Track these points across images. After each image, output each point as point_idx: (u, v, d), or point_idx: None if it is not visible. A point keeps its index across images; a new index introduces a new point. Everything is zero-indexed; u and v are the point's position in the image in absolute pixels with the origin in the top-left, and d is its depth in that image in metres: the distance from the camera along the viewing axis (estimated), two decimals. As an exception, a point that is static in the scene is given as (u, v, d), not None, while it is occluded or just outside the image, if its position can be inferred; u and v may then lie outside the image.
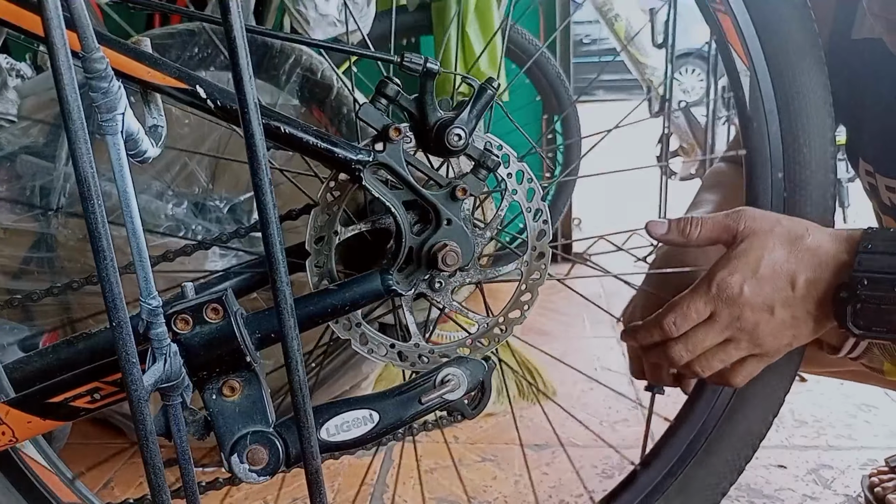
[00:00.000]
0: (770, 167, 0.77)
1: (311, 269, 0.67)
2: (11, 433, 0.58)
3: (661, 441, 0.90)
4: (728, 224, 0.71)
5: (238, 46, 0.41)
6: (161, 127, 0.54)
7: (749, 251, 0.69)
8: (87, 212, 0.41)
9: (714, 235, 0.72)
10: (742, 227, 0.70)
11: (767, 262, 0.69)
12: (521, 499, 1.36)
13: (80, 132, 0.41)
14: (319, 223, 0.67)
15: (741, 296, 0.68)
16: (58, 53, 0.39)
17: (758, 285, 0.69)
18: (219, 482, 0.77)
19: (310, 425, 0.48)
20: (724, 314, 0.69)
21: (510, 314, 0.70)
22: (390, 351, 0.68)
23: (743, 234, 0.70)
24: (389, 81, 0.59)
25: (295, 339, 0.46)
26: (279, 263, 0.44)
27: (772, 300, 0.69)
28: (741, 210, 0.72)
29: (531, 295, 0.69)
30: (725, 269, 0.70)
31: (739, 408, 0.84)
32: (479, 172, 0.62)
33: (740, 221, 0.71)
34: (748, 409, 0.85)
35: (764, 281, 0.69)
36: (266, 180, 0.43)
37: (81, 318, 1.41)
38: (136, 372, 0.45)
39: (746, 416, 0.85)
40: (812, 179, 0.77)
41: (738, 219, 0.71)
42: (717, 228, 0.72)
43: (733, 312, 0.69)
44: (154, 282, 0.48)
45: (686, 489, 0.87)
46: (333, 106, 1.35)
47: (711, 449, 0.86)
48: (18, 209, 1.41)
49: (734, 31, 0.75)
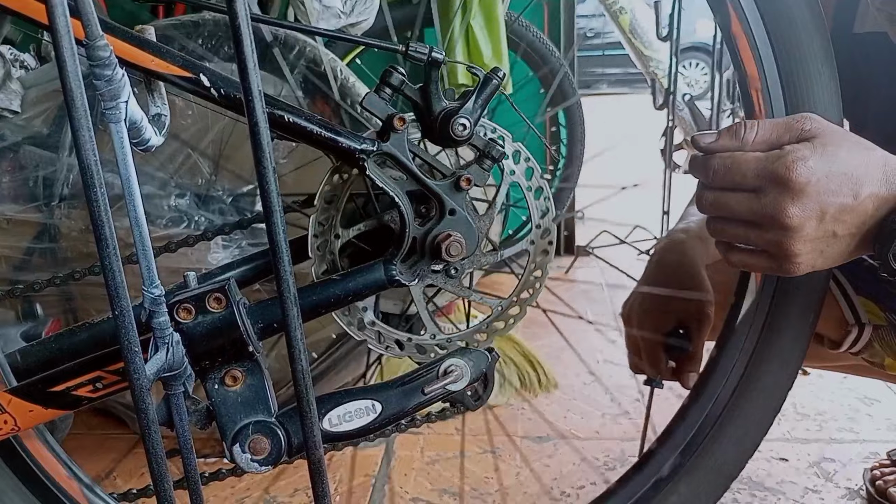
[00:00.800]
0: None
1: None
2: (14, 422, 0.58)
3: (661, 436, 0.89)
4: (791, 123, 0.63)
5: (243, 34, 0.41)
6: (164, 115, 0.54)
7: (827, 146, 0.61)
8: (89, 199, 0.41)
9: (775, 136, 0.64)
10: (809, 126, 0.63)
11: (844, 160, 0.61)
12: (521, 490, 1.36)
13: (84, 120, 0.40)
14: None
15: (806, 186, 0.60)
16: (61, 40, 0.39)
17: (826, 183, 0.60)
18: (221, 472, 0.77)
19: (312, 415, 0.48)
20: (770, 195, 0.61)
21: (521, 294, 0.70)
22: (408, 345, 0.68)
23: (811, 132, 0.62)
24: (394, 70, 0.59)
25: (298, 329, 0.46)
26: (283, 252, 0.44)
27: (828, 205, 0.61)
28: (803, 114, 0.64)
29: (541, 272, 0.69)
30: (804, 150, 0.61)
31: (742, 403, 0.84)
32: (483, 162, 0.61)
33: (805, 121, 0.63)
34: (750, 406, 0.85)
35: (833, 180, 0.60)
36: (270, 168, 0.42)
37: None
38: (138, 361, 0.45)
39: (748, 412, 0.84)
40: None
41: (803, 118, 0.63)
42: (779, 128, 0.64)
43: (781, 201, 0.61)
44: (157, 271, 0.48)
45: (688, 483, 0.87)
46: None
47: (713, 445, 0.86)
48: (21, 200, 1.41)
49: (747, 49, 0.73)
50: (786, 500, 1.29)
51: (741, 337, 0.80)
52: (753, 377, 0.80)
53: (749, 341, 0.80)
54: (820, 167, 0.60)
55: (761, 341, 0.80)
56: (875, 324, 0.96)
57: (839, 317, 0.98)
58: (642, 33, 2.59)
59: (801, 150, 0.61)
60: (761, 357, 0.80)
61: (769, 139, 0.64)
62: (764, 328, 0.79)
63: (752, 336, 0.80)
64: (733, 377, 0.81)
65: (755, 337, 0.80)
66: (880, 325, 0.96)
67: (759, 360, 0.80)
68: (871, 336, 0.97)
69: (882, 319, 0.95)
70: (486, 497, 1.34)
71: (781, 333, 0.79)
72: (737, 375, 0.81)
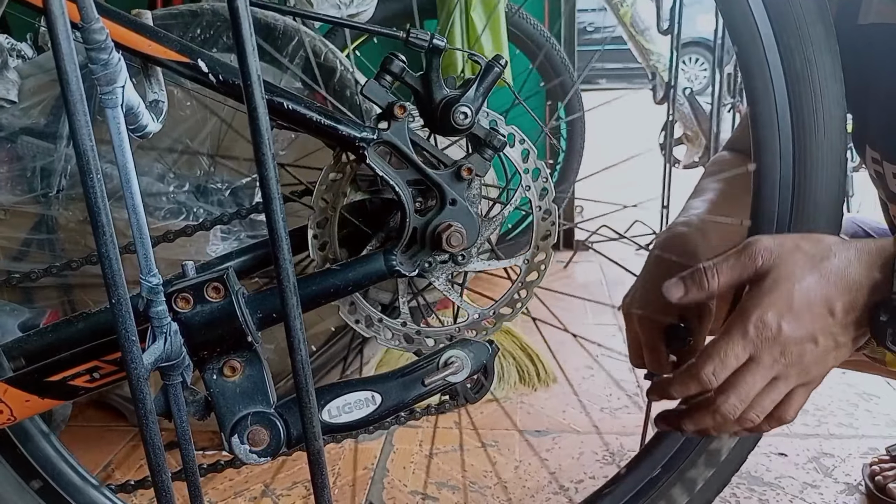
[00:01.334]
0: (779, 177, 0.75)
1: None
2: (9, 412, 0.57)
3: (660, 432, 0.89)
4: (745, 262, 0.67)
5: (241, 18, 0.40)
6: (162, 102, 0.53)
7: (777, 285, 0.65)
8: (86, 186, 0.41)
9: (733, 278, 0.67)
10: (759, 262, 0.66)
11: (799, 292, 0.64)
12: (520, 484, 1.36)
13: (80, 105, 0.40)
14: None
15: (780, 333, 0.64)
16: (56, 23, 0.38)
17: (795, 319, 0.64)
18: (220, 464, 0.77)
19: (312, 406, 0.48)
20: (765, 355, 0.65)
21: (528, 277, 0.69)
22: (417, 338, 0.68)
23: (763, 268, 0.66)
24: (395, 58, 0.58)
25: (297, 319, 0.46)
26: (282, 241, 0.44)
27: (812, 331, 0.65)
28: (753, 242, 0.67)
29: (545, 255, 0.69)
30: (758, 308, 0.65)
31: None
32: (484, 152, 0.61)
33: (756, 257, 0.66)
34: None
35: (801, 313, 0.64)
36: (269, 156, 0.42)
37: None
38: (135, 350, 0.45)
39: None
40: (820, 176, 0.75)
41: (754, 254, 0.66)
42: (735, 270, 0.67)
43: (774, 351, 0.65)
44: (154, 260, 0.47)
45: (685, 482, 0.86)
46: (337, 88, 1.34)
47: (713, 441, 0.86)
48: (19, 190, 1.40)
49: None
50: (785, 495, 1.29)
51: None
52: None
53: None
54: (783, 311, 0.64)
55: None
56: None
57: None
58: (643, 27, 2.58)
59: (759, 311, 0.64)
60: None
61: (731, 282, 0.67)
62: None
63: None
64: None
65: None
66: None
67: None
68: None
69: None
70: (485, 490, 1.34)
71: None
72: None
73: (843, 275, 0.65)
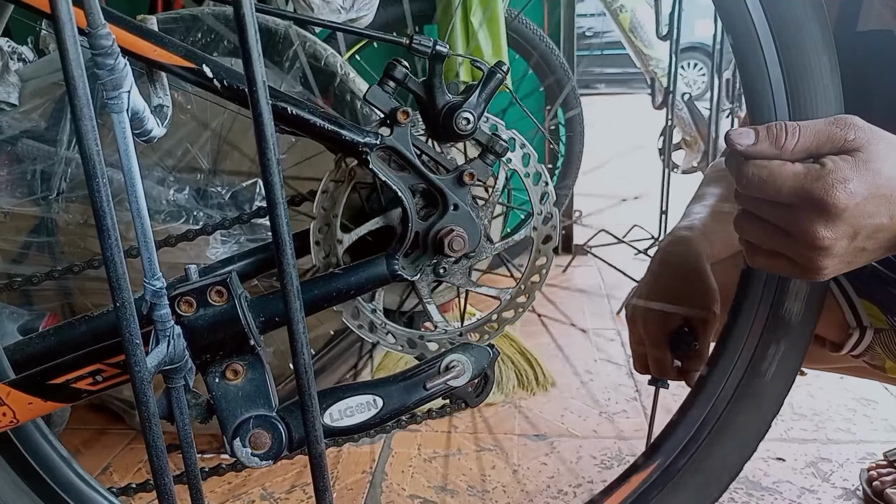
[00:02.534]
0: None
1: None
2: (13, 414, 0.57)
3: (662, 433, 0.89)
4: (834, 132, 0.60)
5: (247, 23, 0.40)
6: (167, 107, 0.54)
7: (870, 160, 0.58)
8: (91, 190, 0.41)
9: (816, 145, 0.60)
10: (852, 135, 0.59)
11: (886, 179, 0.58)
12: (518, 488, 1.36)
13: (86, 109, 0.40)
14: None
15: (843, 212, 0.58)
16: (64, 28, 0.39)
17: (864, 206, 0.58)
18: (221, 468, 0.77)
19: (314, 409, 0.48)
20: (804, 214, 0.59)
21: (530, 279, 0.70)
22: (420, 342, 0.68)
23: (855, 143, 0.59)
24: (398, 64, 0.59)
25: (301, 322, 0.46)
26: (286, 245, 0.44)
27: (861, 227, 0.59)
28: (846, 117, 0.61)
29: (546, 259, 0.69)
30: (845, 169, 0.58)
31: (741, 405, 0.84)
32: (486, 157, 0.61)
33: (849, 129, 0.59)
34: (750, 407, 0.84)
35: (871, 202, 0.58)
36: (274, 160, 0.42)
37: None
38: (139, 353, 0.45)
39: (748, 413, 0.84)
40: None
41: (846, 126, 0.59)
42: (821, 136, 0.60)
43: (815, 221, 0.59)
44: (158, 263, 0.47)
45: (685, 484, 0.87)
46: (337, 93, 1.34)
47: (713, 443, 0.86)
48: (19, 193, 1.40)
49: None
50: (783, 500, 1.29)
51: (740, 340, 0.80)
52: (752, 379, 0.79)
53: (749, 344, 0.80)
54: (860, 190, 0.58)
55: (760, 344, 0.79)
56: (877, 327, 0.96)
57: (841, 319, 0.98)
58: (642, 32, 2.59)
59: (842, 169, 0.58)
60: (760, 360, 0.80)
61: (810, 148, 0.61)
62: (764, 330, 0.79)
63: (752, 339, 0.79)
64: (733, 378, 0.81)
65: (755, 340, 0.79)
66: (882, 328, 0.96)
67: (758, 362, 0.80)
68: (873, 339, 0.97)
69: (884, 323, 0.95)
70: (484, 494, 1.34)
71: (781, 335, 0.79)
72: (736, 377, 0.81)
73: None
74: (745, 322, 0.80)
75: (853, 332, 0.97)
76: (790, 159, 0.61)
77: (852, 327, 0.97)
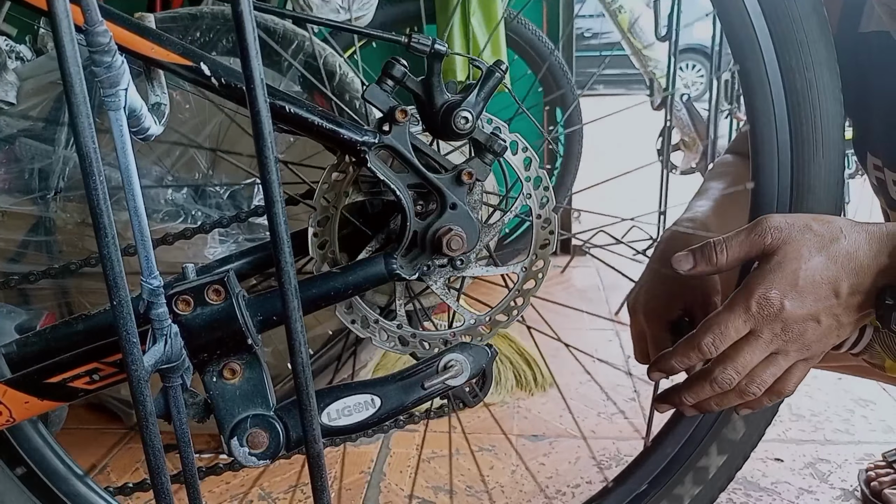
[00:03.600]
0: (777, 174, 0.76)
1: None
2: (9, 413, 0.57)
3: (661, 432, 0.89)
4: (754, 240, 0.67)
5: (245, 20, 0.40)
6: (164, 105, 0.53)
7: (784, 264, 0.65)
8: (88, 188, 0.41)
9: (742, 255, 0.68)
10: (769, 240, 0.66)
11: (805, 272, 0.65)
12: (517, 488, 1.36)
13: (83, 107, 0.40)
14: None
15: (783, 311, 0.65)
16: (61, 25, 0.39)
17: (799, 298, 0.65)
18: (218, 467, 0.77)
19: (312, 409, 0.48)
20: (765, 331, 0.66)
21: (524, 285, 0.70)
22: (412, 341, 0.68)
23: (772, 246, 0.66)
24: (396, 62, 0.58)
25: (298, 321, 0.46)
26: (283, 243, 0.44)
27: (816, 310, 0.65)
28: (763, 221, 0.67)
29: (543, 262, 0.69)
30: (762, 285, 0.65)
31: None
32: (485, 157, 0.61)
33: (766, 235, 0.66)
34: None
35: (805, 293, 0.65)
36: (272, 158, 0.42)
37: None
38: (136, 352, 0.44)
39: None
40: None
41: (763, 232, 0.66)
42: (744, 247, 0.67)
43: (775, 328, 0.66)
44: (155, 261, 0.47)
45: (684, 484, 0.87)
46: (336, 92, 1.34)
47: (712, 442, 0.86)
48: (17, 192, 1.40)
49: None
50: (781, 501, 1.29)
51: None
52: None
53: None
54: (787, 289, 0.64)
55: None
56: (876, 326, 0.96)
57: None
58: (641, 33, 2.59)
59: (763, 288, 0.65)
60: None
61: (739, 257, 0.68)
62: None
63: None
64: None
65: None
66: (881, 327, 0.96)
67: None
68: (873, 338, 0.96)
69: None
70: (482, 495, 1.34)
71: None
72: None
73: (852, 257, 0.65)
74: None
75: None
76: (726, 269, 0.69)
77: None
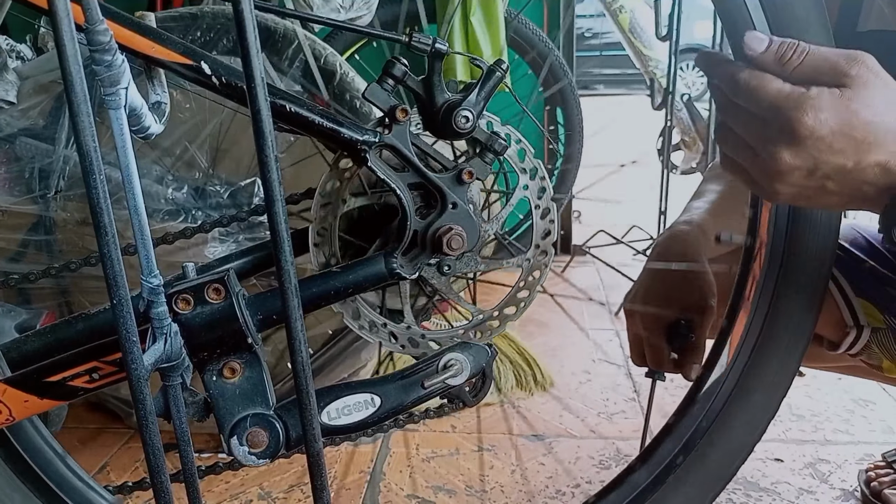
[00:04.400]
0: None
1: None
2: (8, 412, 0.57)
3: (660, 434, 0.89)
4: (839, 64, 0.59)
5: (246, 19, 0.40)
6: (164, 103, 0.53)
7: (854, 98, 0.58)
8: (88, 187, 0.41)
9: (817, 72, 0.59)
10: (854, 71, 0.58)
11: (863, 120, 0.57)
12: (516, 488, 1.36)
13: (84, 106, 0.40)
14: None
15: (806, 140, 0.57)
16: (61, 24, 0.39)
17: (830, 140, 0.58)
18: (218, 466, 0.77)
19: (312, 408, 0.48)
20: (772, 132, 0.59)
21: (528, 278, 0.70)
22: (422, 342, 0.68)
23: (850, 80, 0.58)
24: (397, 61, 0.58)
25: (298, 320, 0.46)
26: (284, 242, 0.44)
27: (822, 162, 0.59)
28: (861, 55, 0.59)
29: (546, 254, 0.69)
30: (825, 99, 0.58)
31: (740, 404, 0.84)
32: (485, 156, 0.61)
33: (854, 65, 0.58)
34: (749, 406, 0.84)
35: (838, 139, 0.58)
36: (272, 157, 0.42)
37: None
38: (136, 351, 0.45)
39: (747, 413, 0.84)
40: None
41: (854, 62, 0.58)
42: (824, 66, 0.59)
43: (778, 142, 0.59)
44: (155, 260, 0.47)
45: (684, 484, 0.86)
46: (336, 92, 1.34)
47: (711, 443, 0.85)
48: (17, 191, 1.40)
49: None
50: (781, 501, 1.29)
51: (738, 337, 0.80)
52: (752, 377, 0.79)
53: (748, 341, 0.80)
54: (830, 122, 0.57)
55: (761, 340, 0.79)
56: (874, 326, 0.96)
57: (838, 318, 0.98)
58: (642, 32, 2.59)
59: (822, 98, 0.58)
60: (760, 358, 0.80)
61: (809, 74, 0.60)
62: (763, 327, 0.79)
63: (752, 335, 0.79)
64: (732, 375, 0.81)
65: (754, 336, 0.79)
66: (879, 327, 0.96)
67: (758, 361, 0.80)
68: (870, 339, 0.97)
69: (881, 322, 0.95)
70: (482, 494, 1.34)
71: (780, 333, 0.79)
72: (736, 373, 0.81)
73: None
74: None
75: (850, 331, 0.97)
76: (787, 79, 0.60)
77: (849, 326, 0.97)
